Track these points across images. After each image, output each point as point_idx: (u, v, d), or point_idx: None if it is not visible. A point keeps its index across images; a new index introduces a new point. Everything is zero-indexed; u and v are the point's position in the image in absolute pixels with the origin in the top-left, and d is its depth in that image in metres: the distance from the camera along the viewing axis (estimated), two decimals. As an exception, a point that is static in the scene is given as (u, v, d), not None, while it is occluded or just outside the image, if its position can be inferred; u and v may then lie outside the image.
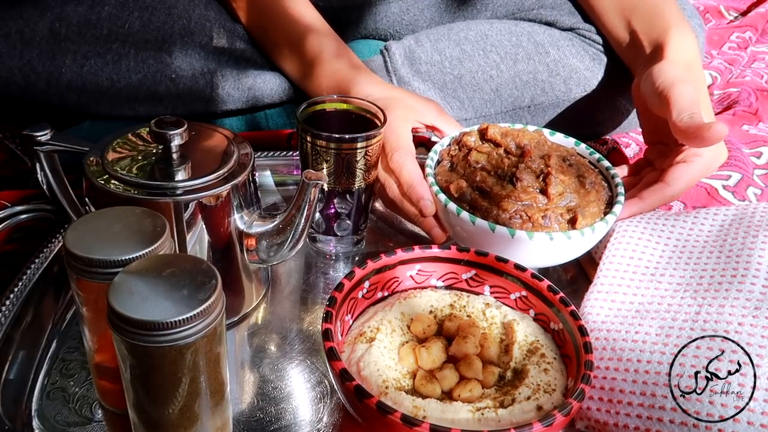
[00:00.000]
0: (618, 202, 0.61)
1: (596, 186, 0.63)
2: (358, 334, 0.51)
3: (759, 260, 0.54)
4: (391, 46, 0.84)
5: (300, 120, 0.61)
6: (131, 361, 0.39)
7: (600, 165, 0.66)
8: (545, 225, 0.58)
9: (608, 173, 0.65)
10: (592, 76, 0.84)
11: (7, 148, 0.81)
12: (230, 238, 0.55)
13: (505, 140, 0.64)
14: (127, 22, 0.76)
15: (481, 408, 0.45)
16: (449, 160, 0.66)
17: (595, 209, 0.60)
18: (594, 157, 0.67)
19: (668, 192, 0.64)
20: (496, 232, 0.57)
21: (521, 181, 0.60)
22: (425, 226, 0.64)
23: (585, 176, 0.63)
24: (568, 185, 0.61)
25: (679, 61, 0.70)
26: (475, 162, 0.63)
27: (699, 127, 0.59)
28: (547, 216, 0.58)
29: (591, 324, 0.54)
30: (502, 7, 0.90)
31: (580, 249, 0.60)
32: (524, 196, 0.59)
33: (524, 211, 0.59)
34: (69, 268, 0.43)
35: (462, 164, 0.64)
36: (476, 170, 0.63)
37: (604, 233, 0.60)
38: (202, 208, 0.51)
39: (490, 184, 0.61)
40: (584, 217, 0.59)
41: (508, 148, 0.64)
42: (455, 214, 0.59)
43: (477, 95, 0.84)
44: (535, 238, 0.57)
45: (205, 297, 0.38)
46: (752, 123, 0.93)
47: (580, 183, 0.62)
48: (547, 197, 0.60)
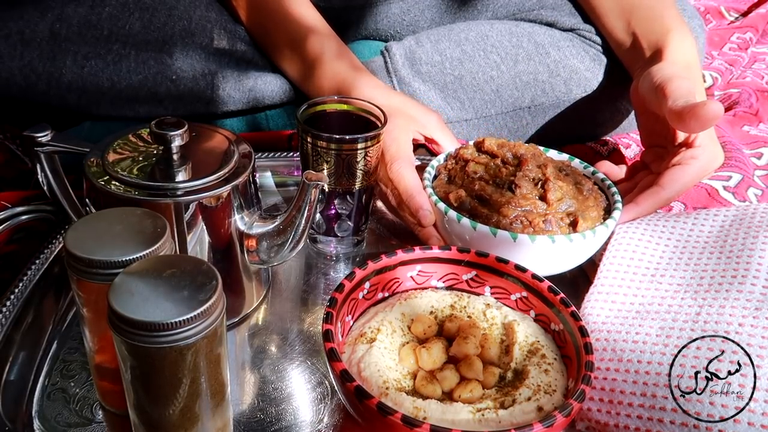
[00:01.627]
0: (617, 208, 0.61)
1: (594, 193, 0.63)
2: (359, 334, 0.51)
3: (759, 261, 0.54)
4: (391, 47, 0.84)
5: (300, 121, 0.62)
6: (132, 361, 0.39)
7: (595, 177, 0.67)
8: (546, 229, 0.58)
9: (603, 184, 0.65)
10: (592, 77, 0.84)
11: (7, 148, 0.81)
12: (231, 239, 0.55)
13: (501, 151, 0.64)
14: (127, 23, 0.76)
15: (482, 409, 0.45)
16: (446, 174, 0.66)
17: (594, 214, 0.60)
18: (588, 170, 0.67)
19: (664, 195, 0.64)
20: (497, 237, 0.57)
21: (520, 188, 0.60)
22: (423, 236, 0.65)
23: (582, 184, 0.63)
24: (567, 191, 0.61)
25: (678, 62, 0.70)
26: (473, 172, 0.63)
27: (693, 106, 0.58)
28: (548, 220, 0.58)
29: (591, 325, 0.54)
30: (502, 8, 0.90)
31: (582, 254, 0.60)
32: (524, 202, 0.59)
33: (525, 216, 0.59)
34: (69, 269, 0.43)
35: (460, 175, 0.64)
36: (474, 180, 0.63)
37: (606, 237, 0.60)
38: (202, 209, 0.52)
39: (489, 192, 0.61)
40: (585, 220, 0.59)
41: (505, 158, 0.64)
42: (456, 221, 0.59)
43: (477, 96, 0.84)
44: (537, 242, 0.57)
45: (205, 298, 0.38)
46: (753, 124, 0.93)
47: (578, 190, 0.62)
48: (547, 203, 0.60)
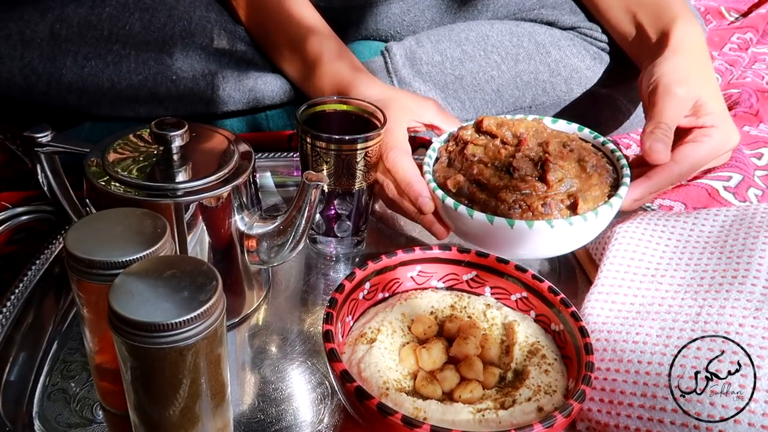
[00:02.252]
0: (623, 184, 0.59)
1: (599, 169, 0.61)
2: (359, 335, 0.51)
3: (759, 261, 0.54)
4: (392, 47, 0.84)
5: (300, 121, 0.61)
6: (132, 362, 0.39)
7: (605, 148, 0.64)
8: (545, 213, 0.57)
9: (613, 156, 0.63)
10: (593, 76, 0.84)
11: (7, 149, 0.81)
12: (231, 239, 0.55)
13: (500, 131, 0.63)
14: (127, 23, 0.76)
15: (482, 409, 0.45)
16: (447, 156, 0.65)
17: (597, 193, 0.59)
18: (598, 141, 0.65)
19: (676, 170, 0.63)
20: (494, 224, 0.56)
21: (518, 170, 0.59)
22: (425, 223, 0.64)
23: (586, 160, 0.61)
24: (568, 170, 0.59)
25: (684, 49, 0.69)
26: (471, 155, 0.62)
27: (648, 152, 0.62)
28: (547, 203, 0.57)
29: (591, 325, 0.54)
30: (503, 8, 0.89)
31: (585, 236, 0.59)
32: (522, 185, 0.58)
33: (523, 200, 0.57)
34: (69, 270, 0.43)
35: (459, 159, 0.63)
36: (473, 163, 0.61)
37: (611, 217, 0.59)
38: (202, 210, 0.51)
39: (487, 176, 0.60)
40: (585, 201, 0.57)
41: (504, 138, 0.62)
42: (453, 209, 0.58)
43: (478, 96, 0.84)
44: (535, 227, 0.55)
45: (205, 298, 0.38)
46: (753, 124, 0.93)
47: (581, 167, 0.60)
48: (546, 184, 0.58)
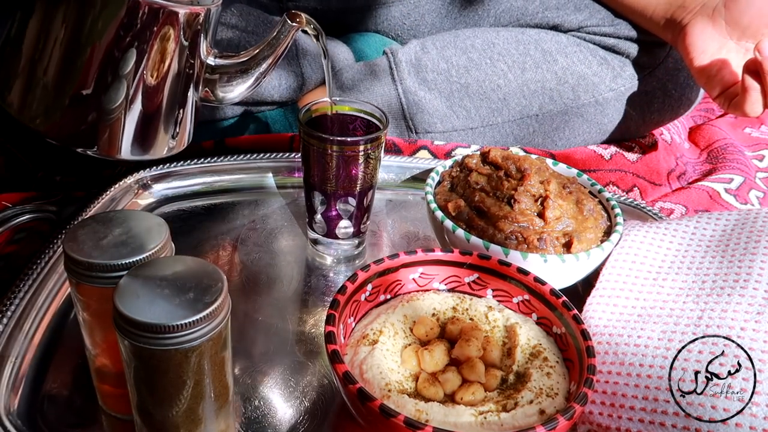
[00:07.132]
0: (616, 231, 0.60)
1: (595, 214, 0.62)
2: (361, 336, 0.51)
3: (761, 265, 0.54)
4: (396, 53, 0.84)
5: (302, 122, 0.62)
6: (136, 363, 0.39)
7: (600, 195, 0.66)
8: (540, 247, 0.58)
9: (608, 204, 0.65)
10: (600, 82, 0.84)
11: (8, 150, 0.81)
12: (191, 66, 0.51)
13: (506, 163, 0.64)
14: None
15: (484, 411, 0.45)
16: (450, 181, 0.66)
17: (591, 236, 0.60)
18: (595, 188, 0.67)
19: None
20: (490, 251, 0.57)
21: (519, 203, 0.60)
22: None
23: (584, 203, 0.63)
24: (566, 210, 0.61)
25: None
26: (474, 183, 0.63)
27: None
28: (543, 239, 0.58)
29: (593, 328, 0.54)
30: (505, 13, 0.89)
31: (575, 274, 0.60)
32: (521, 218, 0.59)
33: (520, 233, 0.59)
34: (69, 273, 0.43)
35: (462, 184, 0.64)
36: (475, 191, 0.63)
37: (601, 260, 0.60)
38: (174, 19, 0.48)
39: (488, 205, 0.61)
40: (580, 242, 0.59)
41: (509, 170, 0.64)
42: (451, 231, 0.59)
43: (484, 104, 0.83)
44: (529, 259, 0.57)
45: (211, 300, 0.38)
46: (754, 126, 0.94)
47: (579, 209, 0.62)
48: (544, 220, 0.60)
